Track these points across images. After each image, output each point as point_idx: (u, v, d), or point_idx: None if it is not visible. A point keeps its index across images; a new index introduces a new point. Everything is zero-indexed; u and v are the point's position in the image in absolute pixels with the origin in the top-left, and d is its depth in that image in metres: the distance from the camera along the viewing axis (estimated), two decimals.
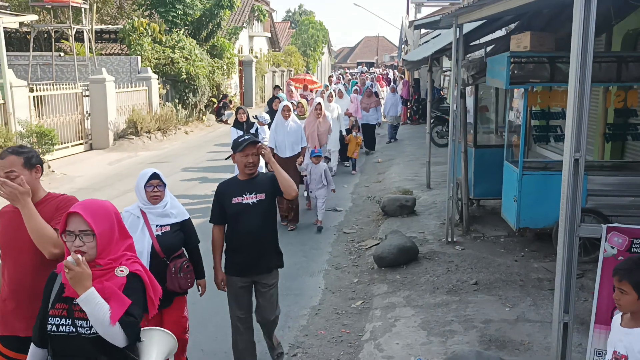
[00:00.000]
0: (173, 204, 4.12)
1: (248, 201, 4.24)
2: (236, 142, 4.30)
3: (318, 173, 8.57)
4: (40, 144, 12.40)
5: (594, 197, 6.41)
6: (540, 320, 5.21)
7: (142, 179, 3.99)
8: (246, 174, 4.29)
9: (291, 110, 8.73)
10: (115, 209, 2.75)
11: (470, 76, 7.71)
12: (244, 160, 4.23)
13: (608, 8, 6.24)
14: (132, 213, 4.03)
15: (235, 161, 4.32)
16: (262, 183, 4.32)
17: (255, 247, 4.30)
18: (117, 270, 2.60)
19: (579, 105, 3.57)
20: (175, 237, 4.04)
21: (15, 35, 20.85)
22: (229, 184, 4.39)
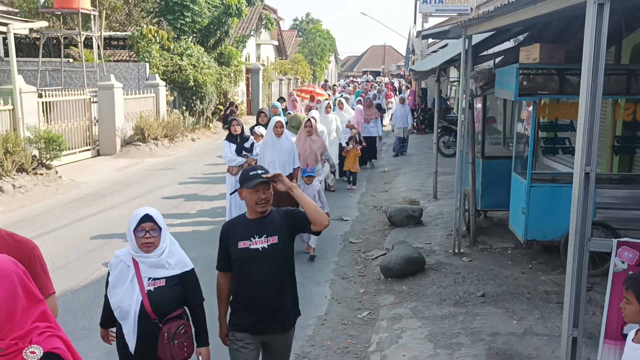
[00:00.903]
0: (172, 251, 3.40)
1: (257, 246, 3.48)
2: (246, 175, 3.51)
3: (311, 194, 7.58)
4: (48, 150, 12.46)
5: (602, 210, 6.38)
6: (548, 333, 5.17)
7: (133, 221, 3.36)
8: (257, 212, 3.51)
9: (284, 126, 7.87)
10: (16, 268, 2.01)
11: (478, 87, 7.70)
12: (254, 197, 3.46)
13: (619, 21, 6.23)
14: (122, 260, 3.41)
15: (243, 197, 3.54)
16: (275, 222, 3.54)
17: (266, 303, 3.50)
18: (25, 353, 1.94)
19: (590, 119, 3.56)
20: (171, 295, 3.31)
21: (25, 41, 20.99)
22: (235, 223, 3.66)
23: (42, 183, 11.73)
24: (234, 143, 8.56)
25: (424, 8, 19.95)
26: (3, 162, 11.04)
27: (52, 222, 9.22)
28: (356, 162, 12.11)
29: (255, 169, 3.51)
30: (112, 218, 9.50)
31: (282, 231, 3.52)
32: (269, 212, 3.56)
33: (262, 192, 3.47)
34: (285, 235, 3.53)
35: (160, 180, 12.72)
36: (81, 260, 7.51)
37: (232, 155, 8.49)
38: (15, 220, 9.32)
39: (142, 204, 10.50)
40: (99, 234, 8.60)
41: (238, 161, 8.46)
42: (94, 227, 8.98)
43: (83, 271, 7.10)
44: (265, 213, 3.53)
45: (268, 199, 3.50)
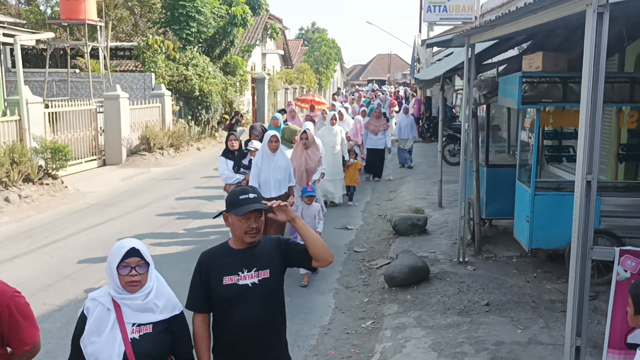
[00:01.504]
0: (159, 290, 2.89)
1: (246, 281, 2.99)
2: (234, 199, 3.00)
3: (311, 215, 7.10)
4: (54, 160, 12.52)
5: (607, 218, 6.35)
6: (553, 342, 5.14)
7: (115, 256, 2.83)
8: (246, 242, 3.03)
9: (279, 140, 7.17)
10: None
11: (482, 95, 7.72)
12: (243, 226, 2.98)
13: (620, 29, 6.23)
14: (100, 302, 2.85)
15: (229, 224, 3.04)
16: (266, 252, 3.07)
17: (256, 347, 3.04)
18: None
19: (591, 127, 3.56)
20: (159, 343, 2.82)
21: (32, 52, 21.18)
22: (217, 254, 3.09)
23: (48, 193, 11.79)
24: (231, 159, 8.12)
25: (429, 17, 20.00)
26: (9, 172, 11.11)
27: (58, 232, 9.27)
28: (357, 176, 11.58)
29: (245, 192, 3.00)
30: (118, 228, 9.54)
31: (274, 263, 3.07)
32: (258, 241, 3.09)
33: (254, 220, 2.98)
34: (277, 268, 3.09)
35: (166, 189, 12.76)
36: (86, 270, 7.53)
37: (229, 172, 8.11)
38: (21, 231, 9.37)
39: (148, 213, 10.54)
40: (104, 243, 8.63)
41: (235, 178, 8.09)
42: (99, 236, 9.02)
43: (88, 281, 7.12)
44: (254, 243, 3.06)
45: (259, 229, 3.02)
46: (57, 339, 5.57)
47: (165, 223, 9.87)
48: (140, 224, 9.80)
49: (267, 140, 7.09)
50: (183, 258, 7.89)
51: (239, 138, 8.14)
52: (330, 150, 10.87)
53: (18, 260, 7.92)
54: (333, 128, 11.20)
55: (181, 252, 8.22)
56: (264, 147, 7.14)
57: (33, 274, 7.35)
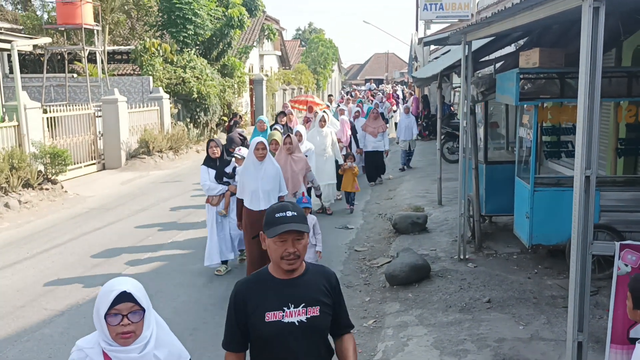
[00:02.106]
0: (160, 338, 2.47)
1: (292, 319, 2.55)
2: (271, 217, 2.55)
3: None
4: (54, 165, 12.52)
5: (606, 213, 6.35)
6: (555, 338, 5.14)
7: (103, 302, 2.36)
8: (284, 270, 2.57)
9: (266, 148, 6.53)
10: None
11: (479, 93, 7.71)
12: (279, 250, 2.52)
13: (617, 24, 6.23)
14: (88, 355, 2.40)
15: (266, 246, 2.60)
16: (315, 286, 2.62)
17: None
18: None
19: (589, 122, 3.56)
20: None
21: (29, 58, 21.18)
22: (255, 284, 2.63)
23: (48, 198, 11.79)
24: (213, 168, 7.40)
25: (425, 15, 20.03)
26: (9, 178, 11.11)
27: (58, 237, 9.26)
28: (355, 182, 10.74)
29: (283, 209, 2.55)
30: (118, 232, 9.53)
31: (324, 300, 2.62)
32: (304, 269, 2.63)
33: (292, 243, 2.51)
34: (328, 307, 2.64)
35: (166, 192, 12.76)
36: (87, 274, 7.53)
37: (210, 182, 7.35)
38: (21, 236, 9.37)
39: (148, 216, 10.54)
40: (104, 247, 8.63)
41: (218, 190, 7.35)
42: (99, 241, 9.01)
43: (88, 285, 7.11)
44: (295, 272, 2.59)
45: (299, 253, 2.53)
46: (59, 344, 5.57)
47: (164, 226, 9.87)
48: (140, 227, 9.79)
49: (254, 147, 6.47)
50: (184, 262, 7.90)
51: (220, 144, 7.43)
52: (321, 153, 10.47)
53: (19, 265, 7.92)
54: (322, 130, 10.68)
55: (182, 255, 8.21)
56: (250, 156, 6.53)
57: (34, 279, 7.34)
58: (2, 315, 6.25)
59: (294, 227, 2.49)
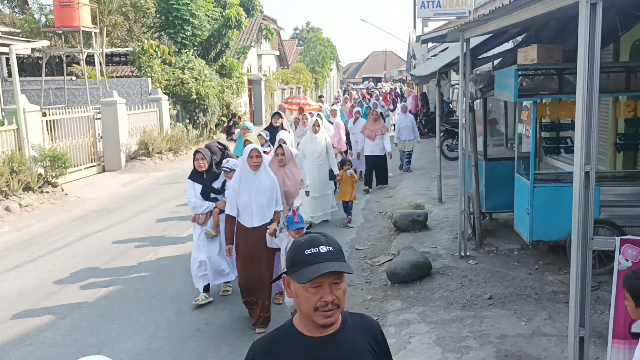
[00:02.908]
0: None
1: None
2: (298, 254, 1.90)
3: None
4: (54, 168, 12.53)
5: (607, 208, 6.36)
6: (557, 334, 5.15)
7: None
8: (318, 326, 1.94)
9: (261, 156, 5.78)
10: None
11: (478, 90, 7.72)
12: (312, 299, 1.90)
13: (614, 19, 6.24)
14: None
15: (292, 293, 1.96)
16: (358, 342, 2.02)
17: None
18: None
19: (588, 118, 3.57)
20: None
21: (27, 61, 21.20)
22: (279, 347, 1.99)
23: (49, 201, 11.80)
24: (200, 183, 6.55)
25: (423, 13, 20.04)
26: (9, 181, 11.12)
27: (59, 240, 9.27)
28: (354, 190, 9.93)
29: (314, 243, 1.90)
30: (118, 234, 9.54)
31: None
32: (341, 322, 1.99)
33: (329, 289, 1.87)
34: None
35: (166, 193, 12.77)
36: (89, 276, 7.54)
37: (196, 199, 6.50)
38: (22, 239, 9.38)
39: (148, 218, 10.54)
40: (106, 250, 8.64)
41: (205, 207, 6.53)
42: (100, 243, 9.02)
43: (90, 288, 7.12)
44: (331, 326, 1.94)
45: (338, 302, 1.91)
46: (62, 347, 5.58)
47: (165, 228, 9.87)
48: (140, 229, 9.80)
49: (247, 155, 5.73)
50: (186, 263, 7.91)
51: (208, 156, 6.60)
52: (315, 161, 9.67)
53: (20, 269, 7.93)
54: (316, 136, 9.71)
55: (185, 256, 8.21)
56: (243, 165, 5.79)
57: (36, 283, 7.35)
58: (4, 319, 6.26)
59: (333, 267, 1.85)
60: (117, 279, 7.34)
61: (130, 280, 7.33)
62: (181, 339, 5.68)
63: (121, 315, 6.27)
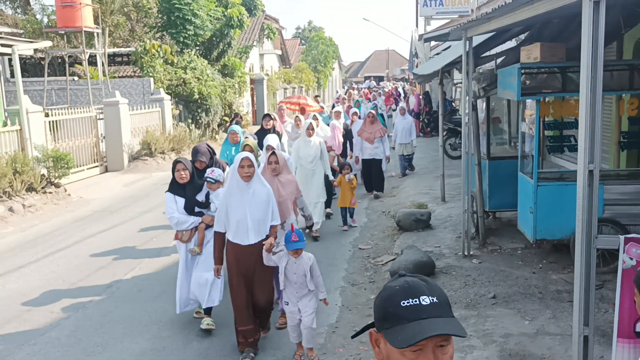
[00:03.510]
0: None
1: None
2: (391, 307, 1.48)
3: (301, 272, 4.98)
4: (57, 168, 12.55)
5: (610, 206, 6.35)
6: (561, 333, 5.14)
7: None
8: None
9: (253, 165, 5.10)
10: None
11: (481, 88, 7.71)
12: None
13: (617, 17, 6.22)
14: None
15: (381, 354, 1.54)
16: None
17: None
18: None
19: (591, 116, 3.56)
20: None
21: (30, 62, 21.23)
22: None
23: (52, 201, 11.82)
24: (181, 196, 5.87)
25: (425, 11, 19.99)
26: (12, 182, 11.13)
27: (63, 240, 9.28)
28: (353, 196, 9.35)
29: (414, 290, 1.49)
30: (121, 234, 9.55)
31: None
32: None
33: (433, 353, 1.47)
34: None
35: None
36: (92, 277, 7.55)
37: (179, 214, 5.84)
38: (26, 240, 9.40)
39: (151, 218, 10.55)
40: (109, 250, 8.65)
41: (190, 223, 5.87)
42: (104, 243, 9.04)
43: (94, 288, 7.13)
44: None
45: None
46: (66, 347, 5.58)
47: (169, 228, 9.86)
48: (144, 229, 9.81)
49: (237, 165, 5.11)
50: None
51: (190, 166, 5.89)
52: (308, 167, 9.01)
53: (24, 269, 7.94)
54: (310, 140, 9.00)
55: None
56: (234, 175, 5.17)
57: (39, 283, 7.36)
58: (9, 319, 6.27)
59: (441, 328, 1.43)
60: (121, 279, 7.35)
61: (134, 280, 7.34)
62: (185, 339, 5.69)
63: (125, 315, 6.28)
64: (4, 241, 9.37)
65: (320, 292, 5.14)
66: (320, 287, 5.15)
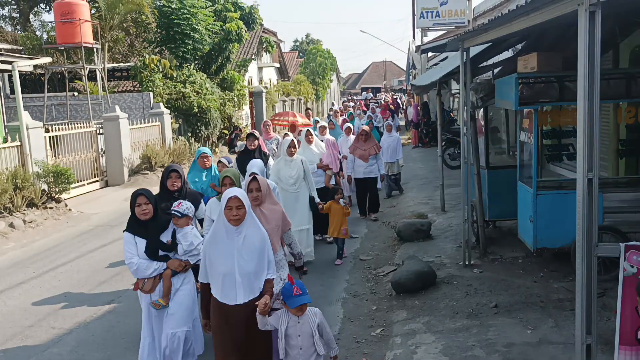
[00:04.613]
0: None
1: None
2: None
3: (306, 333, 4.15)
4: (57, 183, 12.56)
5: (610, 214, 6.36)
6: (564, 341, 5.13)
7: None
8: None
9: (244, 206, 4.05)
10: None
11: (479, 99, 7.75)
12: None
13: (613, 26, 6.28)
14: None
15: None
16: None
17: None
18: None
19: (589, 124, 3.59)
20: None
21: (30, 78, 21.32)
22: None
23: (52, 217, 11.82)
24: (142, 236, 4.86)
25: (422, 23, 20.15)
26: (13, 198, 11.15)
27: (64, 255, 9.28)
28: (344, 224, 8.20)
29: None
30: (122, 249, 9.53)
31: None
32: None
33: None
34: None
35: None
36: (94, 291, 7.54)
37: (140, 259, 4.84)
38: (27, 256, 9.39)
39: None
40: (110, 264, 8.64)
41: (153, 269, 4.84)
42: (105, 258, 9.03)
43: (96, 303, 7.12)
44: None
45: None
46: None
47: None
48: None
49: (224, 206, 4.03)
50: None
51: (153, 199, 4.89)
52: (290, 189, 8.00)
53: (25, 285, 7.93)
54: (292, 159, 8.03)
55: None
56: (220, 218, 4.09)
57: (41, 299, 7.36)
58: (10, 336, 6.26)
59: None
60: (123, 294, 7.34)
61: (136, 295, 7.31)
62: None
63: (128, 330, 6.26)
64: (5, 257, 9.37)
65: (331, 349, 4.29)
66: (331, 343, 4.30)
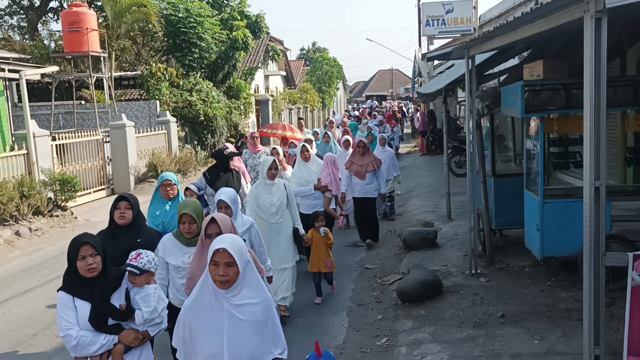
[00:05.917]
0: None
1: None
2: None
3: None
4: (63, 192, 12.59)
5: (618, 222, 6.30)
6: (571, 352, 5.07)
7: None
8: None
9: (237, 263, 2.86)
10: None
11: (484, 106, 7.71)
12: None
13: (619, 33, 6.23)
14: None
15: None
16: None
17: None
18: None
19: (596, 132, 3.55)
20: None
21: (37, 86, 21.45)
22: None
23: (58, 225, 11.84)
24: (86, 298, 3.62)
25: (428, 31, 20.17)
26: (19, 206, 11.18)
27: None
28: (329, 256, 7.07)
29: None
30: None
31: None
32: None
33: None
34: None
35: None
36: None
37: (81, 330, 3.55)
38: (32, 264, 9.40)
39: None
40: None
41: (99, 345, 3.56)
42: None
43: None
44: None
45: None
46: None
47: None
48: None
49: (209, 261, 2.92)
50: None
51: (100, 248, 3.58)
52: (272, 220, 6.51)
53: (30, 293, 7.93)
54: (273, 183, 6.54)
55: None
56: (206, 281, 2.99)
57: (45, 308, 7.34)
58: (14, 344, 6.24)
59: None
60: None
61: None
62: None
63: None
64: (11, 265, 9.38)
65: None
66: None
